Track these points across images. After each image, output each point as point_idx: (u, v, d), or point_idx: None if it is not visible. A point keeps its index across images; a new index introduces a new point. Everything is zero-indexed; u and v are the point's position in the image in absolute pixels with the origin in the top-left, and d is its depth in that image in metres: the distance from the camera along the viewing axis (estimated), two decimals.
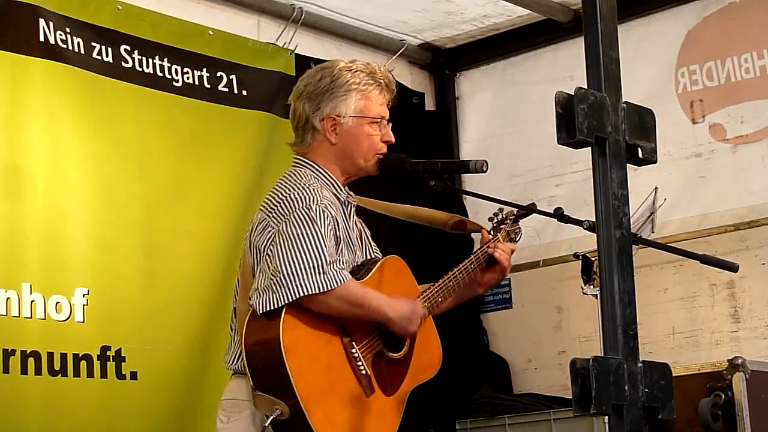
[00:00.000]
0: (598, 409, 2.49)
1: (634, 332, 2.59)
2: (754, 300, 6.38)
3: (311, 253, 3.98)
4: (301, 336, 4.00)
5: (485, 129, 7.45)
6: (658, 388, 2.60)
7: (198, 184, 6.07)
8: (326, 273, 3.96)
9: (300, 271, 3.95)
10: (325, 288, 3.96)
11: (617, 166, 2.62)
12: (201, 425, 5.48)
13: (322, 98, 4.30)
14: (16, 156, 5.46)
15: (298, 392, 3.90)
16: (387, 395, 4.17)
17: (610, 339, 2.58)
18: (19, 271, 5.36)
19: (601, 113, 2.61)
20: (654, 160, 2.73)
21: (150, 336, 5.71)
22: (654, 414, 2.60)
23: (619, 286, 2.57)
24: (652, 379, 2.59)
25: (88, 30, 5.82)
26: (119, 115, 5.86)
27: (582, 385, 2.49)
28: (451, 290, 4.33)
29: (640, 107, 2.72)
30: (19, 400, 5.27)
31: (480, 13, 7.10)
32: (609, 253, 2.59)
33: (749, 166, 6.48)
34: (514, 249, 4.47)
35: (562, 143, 2.59)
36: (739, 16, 6.59)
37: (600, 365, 2.50)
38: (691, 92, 6.70)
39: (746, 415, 5.74)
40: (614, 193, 2.61)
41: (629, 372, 2.55)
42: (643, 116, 2.72)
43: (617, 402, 2.52)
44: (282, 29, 6.68)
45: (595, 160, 2.63)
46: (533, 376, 7.07)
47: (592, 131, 2.59)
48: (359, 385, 4.09)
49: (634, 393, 2.55)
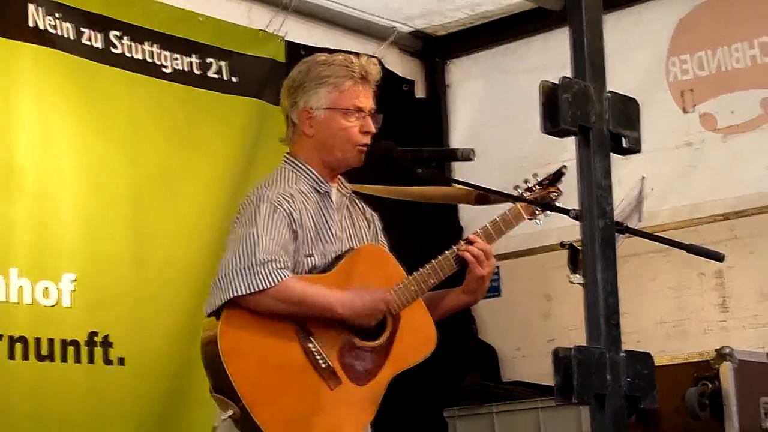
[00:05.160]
0: (580, 399, 2.49)
1: (616, 322, 2.59)
2: (743, 290, 6.39)
3: (246, 253, 4.03)
4: (244, 337, 4.04)
5: (476, 117, 7.47)
6: (641, 378, 2.60)
7: (188, 170, 6.07)
8: (257, 273, 3.99)
9: (232, 272, 4.01)
10: (256, 288, 3.99)
11: (601, 155, 2.62)
12: (189, 411, 5.50)
13: (297, 92, 4.35)
14: (4, 141, 5.45)
15: (242, 395, 3.96)
16: (359, 385, 4.15)
17: (593, 328, 2.58)
18: (6, 256, 5.37)
19: (586, 102, 2.61)
20: (638, 149, 2.72)
21: (138, 322, 5.72)
22: (636, 403, 2.60)
23: (602, 275, 2.58)
24: (634, 369, 2.59)
25: (78, 15, 5.82)
26: (109, 101, 5.86)
27: (564, 374, 2.50)
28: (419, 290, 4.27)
29: (625, 96, 2.72)
30: (6, 385, 5.27)
31: (471, 0, 7.11)
32: (592, 242, 2.60)
33: (739, 156, 6.49)
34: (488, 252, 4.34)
35: (546, 132, 2.60)
36: (731, 5, 6.60)
37: (582, 355, 2.51)
38: (681, 82, 6.71)
39: (733, 404, 5.76)
40: (598, 182, 2.61)
41: (611, 361, 2.55)
42: (627, 105, 2.72)
43: (599, 391, 2.52)
44: (272, 16, 6.68)
45: (579, 149, 2.63)
46: (522, 364, 7.08)
47: (576, 120, 2.59)
48: (320, 378, 4.09)
49: (616, 382, 2.55)
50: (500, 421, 6.65)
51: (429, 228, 6.19)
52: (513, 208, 4.47)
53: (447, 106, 7.58)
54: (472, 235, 4.38)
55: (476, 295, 4.43)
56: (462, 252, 4.32)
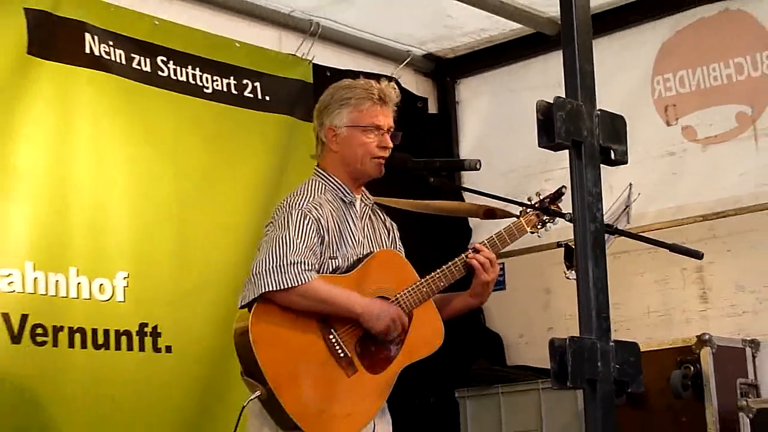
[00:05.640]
0: (574, 384, 2.48)
1: (606, 315, 2.58)
2: (721, 283, 6.36)
3: (277, 254, 4.05)
4: (271, 328, 4.05)
5: (482, 130, 7.45)
6: (628, 365, 2.59)
7: (226, 179, 6.07)
8: (287, 273, 4.01)
9: (265, 271, 4.02)
10: (285, 285, 4.01)
11: (592, 166, 2.61)
12: (226, 392, 5.48)
13: (323, 114, 4.38)
14: (65, 155, 5.46)
15: (268, 379, 3.98)
16: (374, 373, 4.16)
17: (586, 321, 2.57)
18: (67, 257, 5.37)
19: (578, 119, 2.60)
20: (625, 161, 2.71)
21: (183, 314, 5.73)
22: (624, 388, 2.59)
23: (593, 273, 2.57)
24: (622, 357, 2.58)
25: (129, 43, 5.82)
26: (156, 118, 5.86)
27: (560, 361, 2.49)
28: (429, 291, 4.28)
29: (613, 114, 2.71)
30: (66, 371, 5.27)
31: (477, 27, 7.10)
32: (584, 244, 2.58)
33: (717, 164, 6.45)
34: (493, 259, 4.33)
35: (542, 146, 2.59)
36: (708, 30, 6.57)
37: (576, 344, 2.50)
38: (665, 98, 6.69)
39: (713, 385, 5.76)
40: (589, 190, 2.60)
41: (602, 350, 2.54)
42: (615, 122, 2.70)
43: (591, 377, 2.51)
44: (301, 41, 6.67)
45: (572, 161, 2.62)
46: (524, 350, 7.06)
47: (569, 136, 2.58)
48: (339, 367, 4.10)
49: (606, 369, 2.53)
50: (505, 400, 6.65)
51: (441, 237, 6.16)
52: (517, 222, 4.48)
53: (457, 121, 7.56)
54: (479, 244, 4.37)
55: (481, 298, 4.42)
56: (469, 259, 4.32)
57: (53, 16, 5.50)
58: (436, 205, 4.85)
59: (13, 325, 5.12)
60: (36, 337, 5.18)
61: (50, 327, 5.24)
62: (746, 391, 5.90)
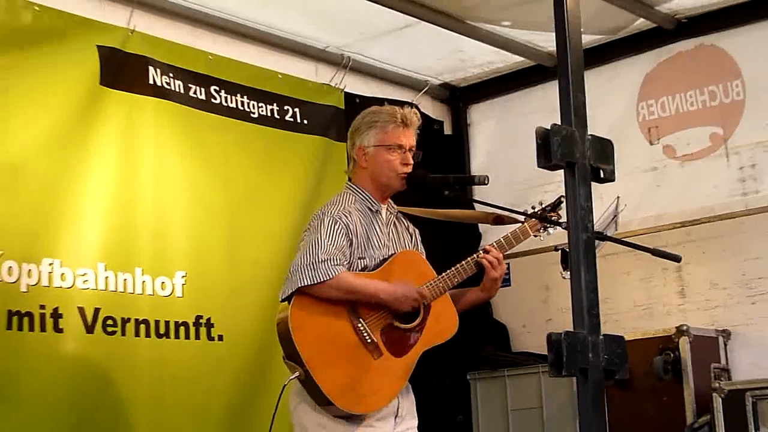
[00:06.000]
0: (568, 372, 2.50)
1: (596, 312, 2.59)
2: (697, 281, 6.33)
3: (311, 254, 4.07)
4: (308, 316, 4.05)
5: (490, 148, 7.44)
6: (616, 356, 2.60)
7: (269, 191, 6.07)
8: (319, 269, 4.02)
9: (300, 268, 4.04)
10: (317, 280, 4.02)
11: (584, 184, 2.62)
12: (271, 375, 5.47)
13: (354, 135, 4.41)
14: (131, 171, 5.47)
15: (305, 361, 3.99)
16: (397, 357, 4.16)
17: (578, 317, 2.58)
18: (133, 259, 5.39)
19: (571, 143, 2.61)
20: (613, 179, 2.72)
21: (232, 307, 5.73)
22: (612, 375, 2.60)
23: (585, 276, 2.57)
24: (610, 349, 2.59)
25: (187, 74, 5.84)
26: (209, 139, 5.87)
27: (556, 353, 2.50)
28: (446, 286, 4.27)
29: (602, 138, 2.71)
30: (133, 357, 5.29)
31: (486, 60, 7.09)
32: (577, 251, 2.60)
33: (693, 177, 6.43)
34: (500, 259, 4.32)
35: (540, 167, 2.61)
36: (685, 62, 6.55)
37: (570, 338, 2.51)
38: (648, 120, 6.67)
39: (690, 369, 5.77)
40: (581, 205, 2.61)
41: (592, 343, 2.55)
42: (604, 145, 2.71)
43: (583, 366, 2.53)
44: (334, 73, 6.67)
45: (567, 180, 2.63)
46: (527, 338, 7.03)
47: (564, 157, 2.59)
48: (366, 350, 4.10)
49: (596, 359, 2.55)
50: (510, 382, 6.65)
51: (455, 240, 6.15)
52: (521, 227, 4.47)
53: (468, 141, 7.55)
54: (488, 245, 4.38)
55: (491, 292, 4.41)
56: (480, 259, 4.31)
57: (121, 52, 5.52)
58: (451, 213, 4.85)
59: (88, 317, 5.14)
60: (107, 328, 5.20)
61: (119, 319, 5.25)
62: (719, 374, 5.89)
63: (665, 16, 6.45)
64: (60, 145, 5.18)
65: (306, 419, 4.12)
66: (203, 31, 6.06)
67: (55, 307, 5.02)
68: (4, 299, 4.86)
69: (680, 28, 6.53)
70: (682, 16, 6.49)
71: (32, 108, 5.10)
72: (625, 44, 6.74)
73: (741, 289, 6.16)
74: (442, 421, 6.67)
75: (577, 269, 2.58)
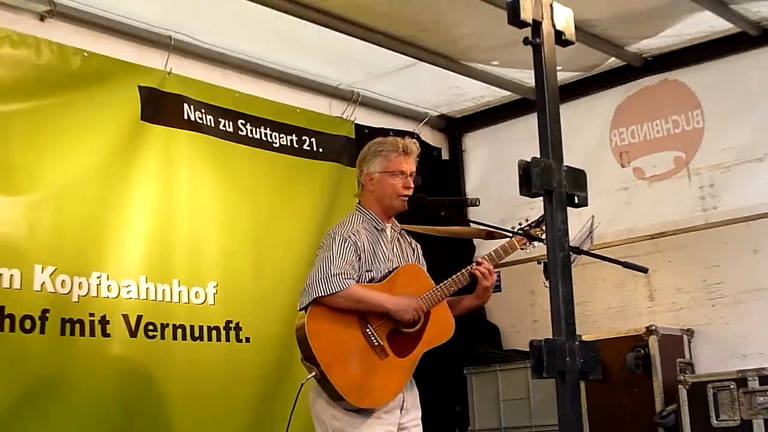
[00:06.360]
0: (548, 374, 2.47)
1: (572, 321, 2.56)
2: (664, 286, 6.29)
3: (324, 269, 4.05)
4: (322, 323, 4.02)
5: (482, 171, 7.41)
6: (589, 359, 2.56)
7: (290, 211, 6.04)
8: (331, 282, 4.01)
9: (315, 282, 4.03)
10: (330, 291, 4.01)
11: (560, 209, 2.60)
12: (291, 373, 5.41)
13: (362, 163, 4.38)
14: (169, 195, 5.48)
15: (320, 362, 3.96)
16: (401, 357, 4.13)
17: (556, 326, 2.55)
18: (170, 271, 5.38)
19: (549, 174, 2.58)
20: (586, 204, 2.69)
21: (258, 313, 5.70)
22: (586, 376, 2.57)
23: (562, 290, 2.55)
24: (585, 353, 2.55)
25: (217, 110, 5.83)
26: (237, 167, 5.86)
27: (537, 357, 2.47)
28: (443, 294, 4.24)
29: (576, 168, 2.68)
30: (171, 358, 5.28)
31: (478, 94, 7.08)
32: (555, 267, 2.57)
33: (660, 196, 6.40)
34: (491, 270, 4.29)
35: (523, 195, 2.58)
36: (652, 95, 6.53)
37: (549, 344, 2.48)
38: (620, 146, 6.64)
39: (658, 363, 5.75)
40: (558, 227, 2.58)
41: (569, 348, 2.52)
42: (578, 175, 2.68)
43: (561, 369, 2.49)
44: (346, 107, 6.66)
45: (546, 205, 2.61)
46: (516, 337, 6.99)
47: (543, 186, 2.57)
48: (374, 352, 4.07)
49: (572, 362, 2.52)
50: (502, 376, 6.62)
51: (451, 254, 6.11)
52: (510, 241, 4.44)
53: (463, 165, 7.51)
54: (481, 258, 4.34)
55: (483, 299, 4.37)
56: (474, 270, 4.28)
57: (159, 92, 5.53)
58: (448, 229, 4.82)
59: (131, 323, 5.13)
60: (148, 332, 5.19)
61: (159, 324, 5.24)
62: (684, 368, 5.86)
63: (633, 55, 6.44)
64: (106, 173, 5.18)
65: (322, 412, 4.10)
66: (231, 72, 6.06)
67: (103, 314, 5.01)
68: (58, 308, 4.85)
69: (647, 65, 6.52)
70: (648, 55, 6.48)
71: (82, 141, 5.11)
72: (599, 80, 6.72)
73: (702, 293, 6.13)
74: (442, 411, 6.66)
75: (555, 284, 2.55)
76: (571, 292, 2.56)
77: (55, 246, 4.90)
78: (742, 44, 6.10)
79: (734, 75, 6.17)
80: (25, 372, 4.69)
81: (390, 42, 5.95)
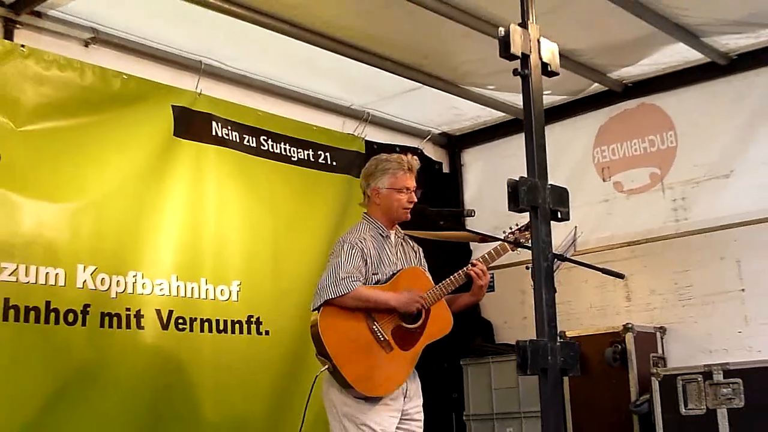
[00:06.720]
0: (532, 371, 2.47)
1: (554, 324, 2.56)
2: (640, 288, 6.27)
3: (334, 273, 4.06)
4: (333, 322, 4.02)
5: (479, 184, 7.39)
6: (569, 358, 2.56)
7: (306, 219, 6.03)
8: (340, 285, 4.01)
9: (326, 285, 4.04)
10: (339, 293, 4.01)
11: (545, 223, 2.60)
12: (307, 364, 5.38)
13: (370, 177, 4.36)
14: (198, 203, 5.47)
15: (332, 357, 3.97)
16: (404, 350, 4.13)
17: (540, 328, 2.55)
18: (199, 271, 5.38)
19: (535, 191, 2.58)
20: (568, 218, 2.69)
21: (277, 309, 5.69)
22: (566, 373, 2.57)
23: (545, 296, 2.54)
24: (565, 352, 2.55)
25: (241, 127, 5.82)
26: (259, 178, 5.85)
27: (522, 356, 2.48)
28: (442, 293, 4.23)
29: (560, 187, 2.68)
30: (199, 349, 5.27)
31: (475, 115, 7.07)
32: (539, 276, 2.57)
33: (637, 207, 6.39)
34: (485, 270, 4.27)
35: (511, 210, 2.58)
36: (631, 117, 6.51)
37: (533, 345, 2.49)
38: (602, 162, 6.63)
39: (634, 358, 5.73)
40: (543, 239, 2.58)
41: (551, 348, 2.52)
42: (561, 192, 2.68)
43: (543, 367, 2.50)
44: (357, 125, 6.65)
45: (532, 220, 2.60)
46: (508, 332, 6.98)
47: (529, 202, 2.57)
48: (379, 346, 4.07)
49: (554, 361, 2.52)
50: (494, 367, 6.59)
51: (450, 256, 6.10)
52: (502, 244, 4.43)
53: (462, 178, 7.49)
54: (475, 260, 4.33)
55: (478, 297, 4.35)
56: (469, 270, 4.27)
57: (190, 110, 5.53)
58: (447, 234, 4.82)
59: (163, 317, 5.14)
60: (178, 325, 5.19)
61: (188, 318, 5.24)
62: (656, 362, 5.84)
63: (615, 81, 6.43)
64: (142, 182, 5.19)
65: (335, 399, 4.10)
66: (255, 93, 6.07)
67: (138, 309, 5.02)
68: (98, 303, 4.86)
69: (627, 90, 6.50)
70: (628, 81, 6.47)
71: (121, 154, 5.11)
72: (584, 103, 6.70)
73: (673, 294, 6.11)
74: (441, 398, 6.64)
75: (539, 290, 2.55)
76: (554, 298, 2.56)
77: (96, 248, 4.91)
78: (712, 73, 6.10)
79: (705, 100, 6.16)
80: (68, 360, 4.70)
81: (397, 68, 5.95)
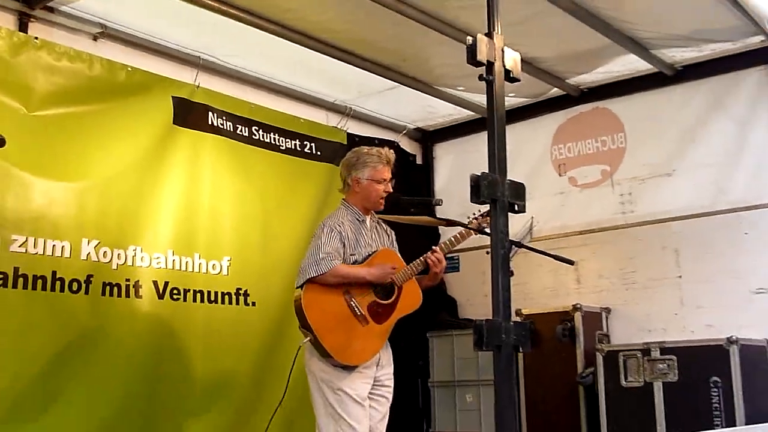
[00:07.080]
0: (487, 347, 2.47)
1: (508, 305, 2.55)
2: (589, 273, 6.29)
3: (314, 254, 4.04)
4: (315, 297, 4.01)
5: (448, 175, 7.37)
6: (521, 336, 2.56)
7: (292, 202, 5.98)
8: (320, 264, 3.99)
9: (308, 265, 4.03)
10: (320, 272, 4.00)
11: (503, 215, 2.58)
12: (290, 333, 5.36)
13: (352, 168, 4.32)
14: (194, 187, 5.42)
15: (313, 328, 3.96)
16: (378, 324, 4.12)
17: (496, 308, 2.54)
18: (193, 247, 5.33)
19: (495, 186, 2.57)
20: (524, 211, 2.67)
21: (263, 282, 5.65)
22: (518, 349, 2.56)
23: (501, 280, 2.53)
24: (517, 331, 2.55)
25: (235, 118, 5.77)
26: (251, 164, 5.79)
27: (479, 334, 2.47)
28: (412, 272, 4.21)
29: (517, 182, 2.66)
30: (191, 318, 5.23)
31: (447, 113, 7.03)
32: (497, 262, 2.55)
33: (589, 200, 6.39)
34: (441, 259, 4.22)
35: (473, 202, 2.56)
36: (585, 119, 6.51)
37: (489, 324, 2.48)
38: (559, 159, 6.62)
39: (581, 335, 5.77)
40: (501, 230, 2.57)
41: (505, 327, 2.51)
42: (518, 187, 2.67)
43: (498, 344, 2.49)
44: (340, 119, 6.61)
45: (491, 211, 2.59)
46: (470, 308, 6.98)
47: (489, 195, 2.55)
48: (357, 320, 4.07)
49: (507, 338, 2.51)
50: (456, 339, 6.60)
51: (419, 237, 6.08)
52: (461, 231, 4.41)
53: (433, 169, 7.46)
54: (435, 247, 4.30)
55: (435, 281, 4.32)
56: (426, 258, 4.24)
57: (189, 101, 5.47)
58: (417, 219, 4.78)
59: (159, 287, 5.09)
60: (173, 296, 5.15)
61: (182, 289, 5.20)
62: (601, 339, 5.87)
63: (572, 86, 6.42)
64: (143, 166, 5.13)
65: (315, 367, 4.09)
66: (248, 87, 6.00)
67: (137, 280, 4.97)
68: (100, 274, 4.81)
69: (583, 95, 6.50)
70: (584, 87, 6.46)
71: (124, 140, 5.06)
72: (544, 105, 6.68)
73: (619, 279, 6.13)
74: (409, 366, 6.62)
75: (496, 275, 2.54)
76: (509, 282, 2.54)
77: (99, 224, 4.86)
78: (659, 82, 6.10)
79: (652, 106, 6.17)
80: (72, 325, 4.66)
81: (378, 69, 5.92)
